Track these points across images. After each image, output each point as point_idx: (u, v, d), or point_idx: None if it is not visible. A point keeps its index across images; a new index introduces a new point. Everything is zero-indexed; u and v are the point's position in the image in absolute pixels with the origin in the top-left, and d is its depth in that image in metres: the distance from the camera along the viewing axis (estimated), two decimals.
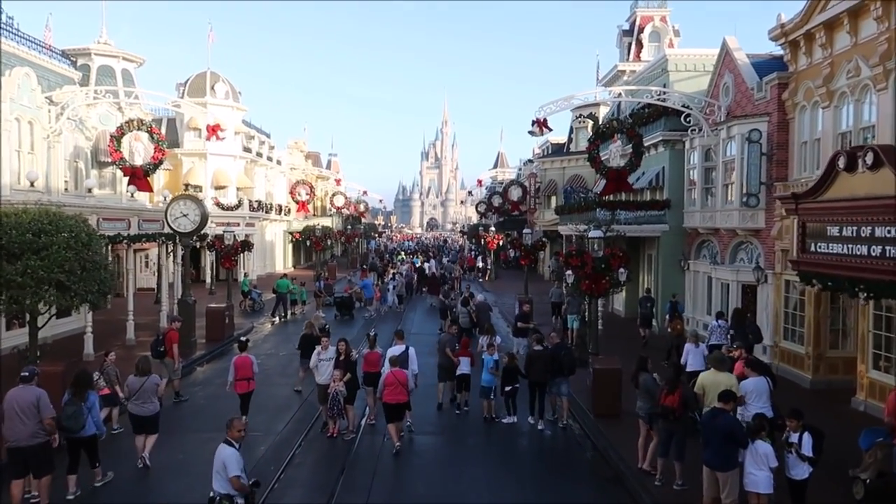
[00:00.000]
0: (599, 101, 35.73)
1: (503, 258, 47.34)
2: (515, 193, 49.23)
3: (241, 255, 30.90)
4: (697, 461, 9.29)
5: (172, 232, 20.96)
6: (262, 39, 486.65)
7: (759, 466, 8.36)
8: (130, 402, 11.24)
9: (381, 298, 30.53)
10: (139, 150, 23.98)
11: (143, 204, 26.27)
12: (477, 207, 67.46)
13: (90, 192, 21.53)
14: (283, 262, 53.50)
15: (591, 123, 39.68)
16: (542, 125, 20.76)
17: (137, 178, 21.56)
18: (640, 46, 35.21)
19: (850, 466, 9.88)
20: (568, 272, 17.49)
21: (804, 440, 8.63)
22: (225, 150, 40.62)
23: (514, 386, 13.90)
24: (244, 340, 14.93)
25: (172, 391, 15.31)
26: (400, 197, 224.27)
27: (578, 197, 35.52)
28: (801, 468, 8.65)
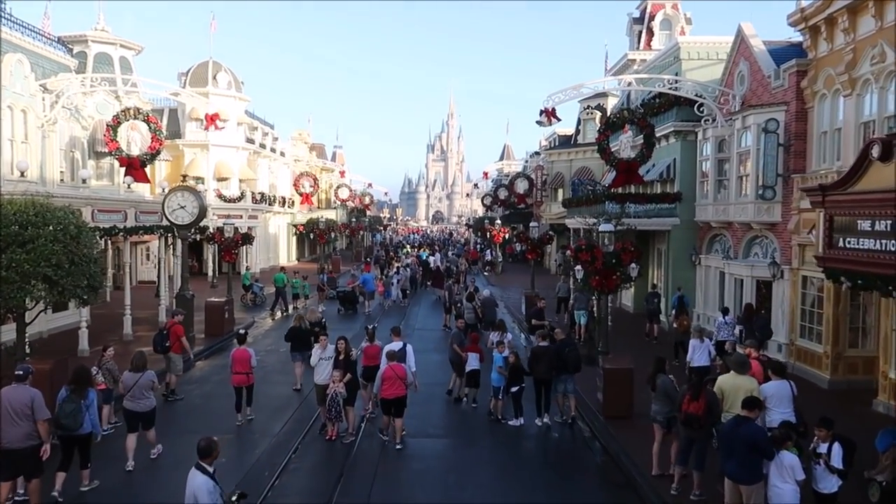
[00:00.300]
0: (608, 90, 35.08)
1: (509, 252, 46.76)
2: (522, 186, 48.74)
3: (241, 248, 30.33)
4: (714, 470, 8.72)
5: (170, 224, 20.47)
6: (265, 30, 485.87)
7: (784, 479, 7.75)
8: (125, 398, 10.98)
9: (384, 293, 30.00)
10: (136, 139, 23.42)
11: (140, 195, 25.73)
12: (483, 200, 67.06)
13: (84, 182, 20.96)
14: (286, 255, 52.97)
15: (599, 115, 39.36)
16: (550, 115, 20.17)
17: (134, 168, 20.97)
18: (650, 35, 34.33)
19: (866, 468, 9.55)
20: (577, 267, 16.84)
21: (834, 451, 8.06)
22: (227, 141, 40.17)
23: (520, 386, 13.37)
24: (243, 333, 14.82)
25: (167, 388, 14.83)
26: (405, 189, 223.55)
27: (586, 189, 34.83)
28: (829, 481, 8.07)
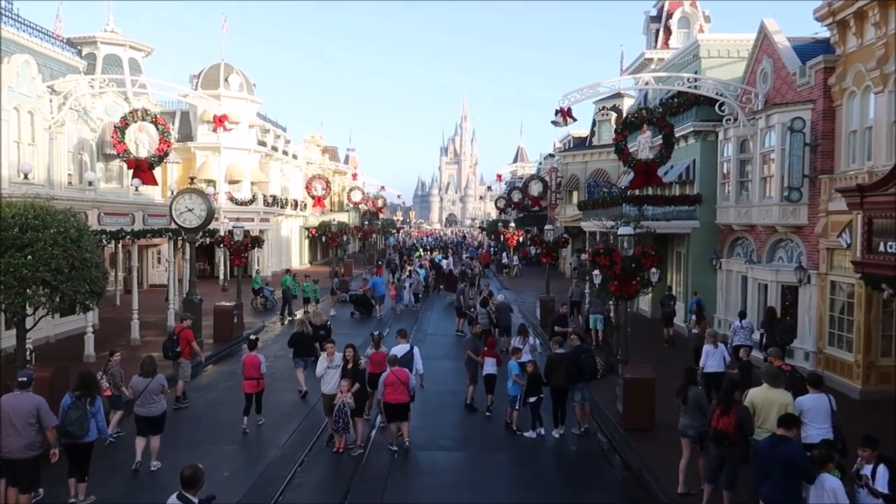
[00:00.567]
0: (625, 90, 34.40)
1: (523, 255, 46.14)
2: (536, 188, 48.12)
3: (252, 251, 29.96)
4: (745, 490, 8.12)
5: (178, 227, 20.11)
6: (277, 32, 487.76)
7: None
8: (136, 404, 10.81)
9: (395, 297, 29.51)
10: (144, 141, 23.10)
11: (149, 198, 25.41)
12: (496, 203, 66.37)
13: (91, 185, 20.62)
14: (298, 258, 52.64)
15: (614, 116, 38.72)
16: (566, 114, 19.61)
17: (142, 170, 20.62)
18: (668, 33, 33.55)
19: None
20: (595, 272, 16.24)
21: (879, 473, 7.37)
22: (239, 143, 39.92)
23: (538, 396, 12.81)
24: (254, 339, 14.72)
25: (174, 394, 14.42)
26: (419, 192, 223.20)
27: (602, 192, 34.12)
28: None
